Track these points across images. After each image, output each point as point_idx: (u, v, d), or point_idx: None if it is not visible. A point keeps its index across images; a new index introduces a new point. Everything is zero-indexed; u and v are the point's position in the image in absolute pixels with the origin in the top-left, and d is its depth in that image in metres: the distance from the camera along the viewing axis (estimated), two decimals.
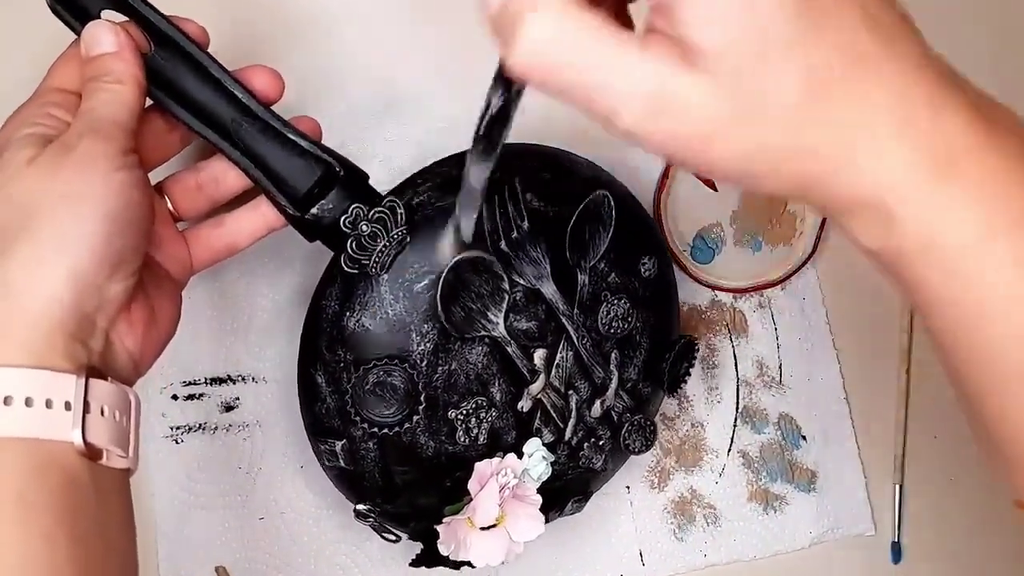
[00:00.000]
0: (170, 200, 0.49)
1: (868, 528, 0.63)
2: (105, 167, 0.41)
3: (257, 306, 0.59)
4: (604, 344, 0.54)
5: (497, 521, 0.52)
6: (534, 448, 0.53)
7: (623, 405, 0.55)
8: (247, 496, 0.59)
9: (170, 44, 0.46)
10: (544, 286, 0.52)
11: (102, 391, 0.41)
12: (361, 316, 0.50)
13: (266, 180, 0.48)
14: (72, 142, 0.41)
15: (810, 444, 0.63)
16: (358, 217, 0.48)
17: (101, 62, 0.43)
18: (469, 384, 0.51)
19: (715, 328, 0.63)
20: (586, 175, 0.54)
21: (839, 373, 0.63)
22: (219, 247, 0.50)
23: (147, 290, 0.45)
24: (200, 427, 0.59)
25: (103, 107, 0.43)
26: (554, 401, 0.53)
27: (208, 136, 0.47)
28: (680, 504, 0.61)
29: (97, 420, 0.40)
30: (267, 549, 0.59)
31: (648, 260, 0.55)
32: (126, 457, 0.42)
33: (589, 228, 0.53)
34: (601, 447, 0.55)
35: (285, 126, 0.48)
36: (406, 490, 0.52)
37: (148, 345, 0.45)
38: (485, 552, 0.51)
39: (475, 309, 0.50)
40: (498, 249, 0.51)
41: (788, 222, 0.63)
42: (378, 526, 0.52)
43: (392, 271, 0.49)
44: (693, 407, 0.62)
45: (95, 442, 0.40)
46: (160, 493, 0.58)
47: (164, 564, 0.58)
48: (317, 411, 0.52)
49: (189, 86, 0.46)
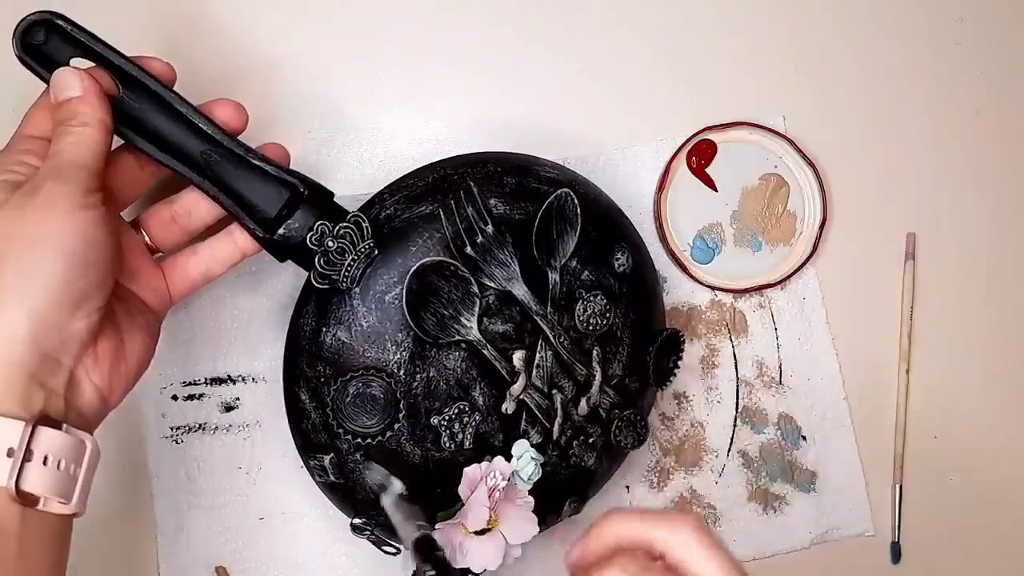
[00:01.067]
0: (147, 233, 0.51)
1: (868, 528, 0.63)
2: (67, 207, 0.43)
3: (256, 307, 0.59)
4: (584, 341, 0.54)
5: (491, 525, 0.52)
6: (522, 450, 0.53)
7: (610, 401, 0.55)
8: (247, 496, 0.59)
9: (137, 84, 0.48)
10: (515, 287, 0.52)
11: (49, 440, 0.42)
12: (337, 330, 0.51)
13: (235, 206, 0.50)
14: (37, 185, 0.43)
15: (810, 444, 0.62)
16: (324, 234, 0.50)
17: (68, 107, 0.46)
18: (450, 390, 0.52)
19: (715, 328, 0.63)
20: (549, 176, 0.54)
21: (839, 373, 0.63)
22: (195, 276, 0.52)
23: (118, 323, 0.47)
24: (200, 427, 0.59)
25: (69, 149, 0.45)
26: (538, 401, 0.53)
27: (178, 169, 0.49)
28: (680, 504, 0.61)
29: (38, 469, 0.41)
30: (267, 549, 0.59)
31: (621, 255, 0.55)
32: (67, 504, 0.43)
33: (556, 227, 0.53)
34: (592, 444, 0.55)
35: (249, 153, 0.50)
36: None
37: (116, 379, 0.46)
38: (482, 556, 0.51)
39: (447, 315, 0.51)
40: (463, 254, 0.51)
41: (788, 222, 0.63)
42: (376, 539, 0.53)
43: (363, 284, 0.51)
44: (693, 407, 0.62)
45: (31, 491, 0.41)
46: (160, 493, 0.58)
47: (164, 564, 0.58)
48: (304, 427, 0.53)
49: (158, 123, 0.49)
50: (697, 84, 0.63)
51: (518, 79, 0.62)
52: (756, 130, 0.62)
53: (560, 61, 0.62)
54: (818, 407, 0.63)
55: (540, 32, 0.62)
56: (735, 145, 0.63)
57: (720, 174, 0.62)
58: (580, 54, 0.63)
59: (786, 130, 0.63)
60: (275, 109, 0.59)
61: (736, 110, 0.63)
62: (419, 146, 0.61)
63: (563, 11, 0.63)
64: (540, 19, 0.63)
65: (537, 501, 0.53)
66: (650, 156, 0.62)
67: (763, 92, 0.64)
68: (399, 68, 0.61)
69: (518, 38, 0.62)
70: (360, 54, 0.61)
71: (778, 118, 0.63)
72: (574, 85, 0.62)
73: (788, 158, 0.62)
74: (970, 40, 0.66)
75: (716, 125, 0.62)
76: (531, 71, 0.62)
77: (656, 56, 0.63)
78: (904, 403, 0.63)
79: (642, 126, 0.63)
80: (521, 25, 0.62)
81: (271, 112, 0.59)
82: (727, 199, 0.63)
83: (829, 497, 0.62)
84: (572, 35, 0.63)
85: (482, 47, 0.62)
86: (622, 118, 0.63)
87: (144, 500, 0.58)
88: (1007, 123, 0.66)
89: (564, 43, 0.62)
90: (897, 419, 0.63)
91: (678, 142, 0.62)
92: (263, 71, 0.60)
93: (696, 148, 0.62)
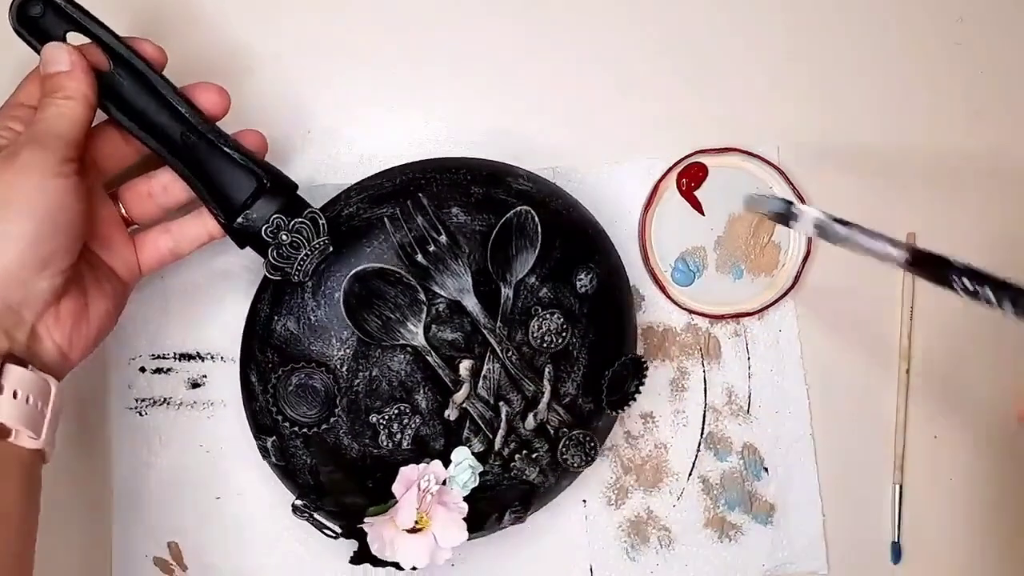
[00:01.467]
0: (123, 205, 0.53)
1: (822, 567, 0.62)
2: (41, 173, 0.45)
3: (231, 287, 0.59)
4: (537, 358, 0.54)
5: (421, 525, 0.53)
6: (461, 457, 0.54)
7: (559, 419, 0.55)
8: (205, 474, 0.59)
9: (126, 64, 0.50)
10: (466, 299, 0.53)
11: (17, 376, 0.44)
12: (287, 320, 0.52)
13: (204, 190, 0.51)
14: (16, 150, 0.46)
15: (771, 477, 0.62)
16: (279, 227, 0.51)
17: (55, 80, 0.48)
18: (392, 390, 0.53)
19: (688, 351, 0.62)
20: (521, 188, 0.54)
21: (807, 409, 0.63)
22: (164, 252, 0.53)
23: (85, 287, 0.49)
24: (165, 401, 0.59)
25: (50, 120, 0.47)
26: (481, 412, 0.54)
27: (154, 147, 0.50)
28: (636, 523, 0.61)
29: (8, 401, 0.43)
30: (221, 529, 0.59)
31: (585, 276, 0.55)
32: (37, 439, 0.45)
33: (515, 244, 0.53)
34: (535, 460, 0.55)
35: (221, 139, 0.51)
36: (332, 489, 0.54)
37: (77, 338, 0.48)
38: (410, 554, 0.52)
39: (394, 319, 0.52)
40: (414, 261, 0.52)
41: (772, 253, 0.63)
42: (315, 522, 0.54)
43: (316, 279, 0.52)
44: (658, 428, 0.62)
45: (3, 421, 0.43)
46: (120, 463, 0.59)
47: (118, 534, 0.58)
48: (254, 408, 0.54)
49: (142, 102, 0.50)
50: (695, 106, 0.63)
51: (517, 85, 0.62)
52: (749, 158, 0.62)
53: (561, 71, 0.62)
54: (783, 440, 0.62)
55: (543, 40, 0.62)
56: (727, 171, 0.62)
57: (709, 198, 0.62)
58: (582, 66, 0.62)
59: (779, 161, 0.63)
60: (271, 108, 0.60)
61: (731, 135, 0.62)
62: (419, 147, 0.61)
63: (569, 22, 0.62)
64: (545, 28, 0.62)
65: (476, 508, 0.54)
66: (640, 173, 0.62)
67: (760, 119, 0.63)
68: (401, 68, 0.62)
69: (521, 44, 0.62)
70: (363, 53, 0.61)
71: (772, 147, 0.63)
72: (572, 96, 0.62)
73: (778, 189, 0.62)
74: (970, 40, 0.66)
75: (709, 149, 0.62)
76: (530, 78, 0.62)
77: (656, 74, 0.63)
78: (904, 403, 0.63)
79: (635, 143, 0.63)
80: (525, 32, 0.62)
81: (268, 109, 0.60)
82: (713, 224, 0.62)
83: (785, 532, 0.62)
84: (577, 46, 0.62)
85: (485, 51, 0.62)
86: (616, 132, 0.63)
87: (103, 470, 0.59)
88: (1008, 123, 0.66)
89: (568, 53, 0.62)
90: (897, 419, 0.63)
91: (670, 162, 0.62)
92: (266, 68, 0.60)
93: (687, 170, 0.62)
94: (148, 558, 0.59)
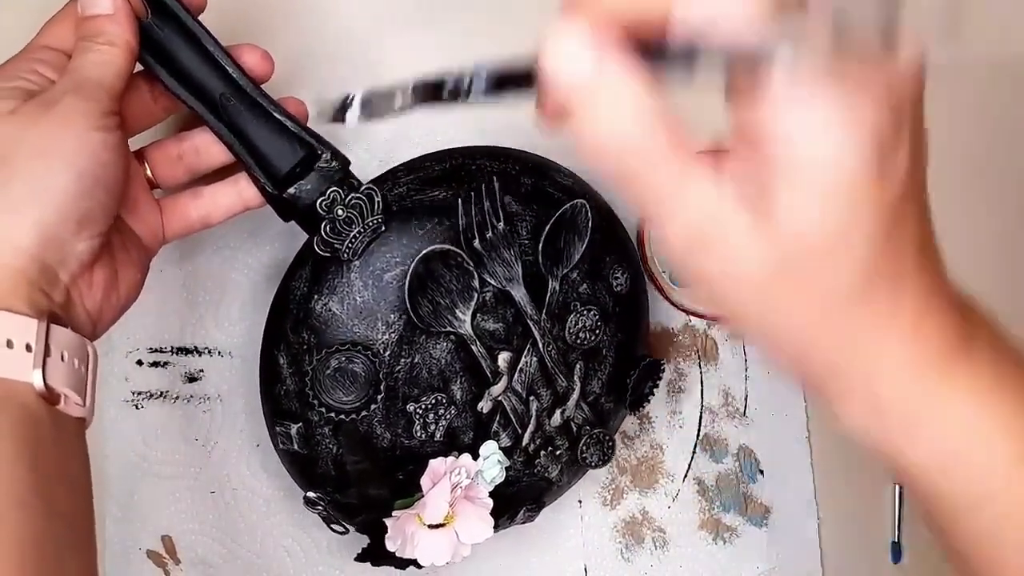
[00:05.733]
0: (149, 167, 0.50)
1: (816, 570, 0.63)
2: (83, 126, 0.41)
3: (231, 281, 0.59)
4: (570, 354, 0.54)
5: (446, 520, 0.52)
6: (490, 451, 0.53)
7: (583, 417, 0.55)
8: (200, 469, 0.59)
9: (167, 13, 0.46)
10: (514, 289, 0.52)
11: (63, 337, 0.41)
12: (329, 300, 0.50)
13: (248, 156, 0.48)
14: (55, 98, 0.42)
15: (767, 479, 0.63)
16: (335, 201, 0.48)
17: (96, 23, 0.44)
18: (431, 379, 0.52)
19: (685, 353, 0.63)
20: (564, 184, 0.54)
21: (804, 412, 0.63)
22: (193, 219, 0.50)
23: (113, 253, 0.46)
24: (161, 395, 0.59)
25: (91, 67, 0.43)
26: (514, 405, 0.53)
27: (195, 107, 0.47)
28: (630, 524, 0.62)
29: (57, 364, 0.40)
30: (215, 524, 0.59)
31: (621, 275, 0.55)
32: (83, 406, 0.42)
33: (565, 236, 0.53)
34: (558, 457, 0.55)
35: (272, 105, 0.48)
36: (358, 480, 0.52)
37: (107, 308, 0.45)
38: (432, 550, 0.51)
39: (443, 304, 0.51)
40: (471, 247, 0.51)
41: None
42: (327, 516, 0.52)
43: (364, 258, 0.50)
44: (654, 428, 0.62)
45: (54, 385, 0.40)
46: (114, 456, 0.58)
47: (111, 528, 0.58)
48: (276, 392, 0.52)
49: (182, 56, 0.47)
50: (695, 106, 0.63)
51: None
52: None
53: None
54: (779, 444, 0.63)
55: None
56: None
57: None
58: None
59: None
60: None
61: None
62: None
63: None
64: None
65: (495, 503, 0.53)
66: None
67: None
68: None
69: None
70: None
71: None
72: None
73: None
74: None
75: (709, 149, 0.62)
76: None
77: None
78: None
79: None
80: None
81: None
82: None
83: (780, 534, 0.62)
84: None
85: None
86: None
87: (97, 461, 0.58)
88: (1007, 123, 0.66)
89: None
90: None
91: None
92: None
93: None
94: (141, 551, 0.58)
